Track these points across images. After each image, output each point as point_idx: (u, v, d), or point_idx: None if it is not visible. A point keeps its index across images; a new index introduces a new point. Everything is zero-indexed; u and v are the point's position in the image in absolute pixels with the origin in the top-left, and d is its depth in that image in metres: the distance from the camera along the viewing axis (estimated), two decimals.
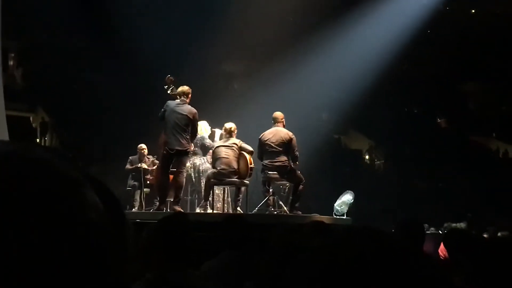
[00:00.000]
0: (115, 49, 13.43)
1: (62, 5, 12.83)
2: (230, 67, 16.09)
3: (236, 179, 8.33)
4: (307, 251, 0.71)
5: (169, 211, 7.84)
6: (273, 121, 8.61)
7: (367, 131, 17.71)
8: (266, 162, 8.41)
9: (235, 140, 8.45)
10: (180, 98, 7.98)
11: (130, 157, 10.72)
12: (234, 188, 8.71)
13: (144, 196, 10.22)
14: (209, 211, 8.45)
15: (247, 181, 8.51)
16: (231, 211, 8.62)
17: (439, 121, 17.92)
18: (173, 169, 8.03)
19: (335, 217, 9.70)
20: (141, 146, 10.64)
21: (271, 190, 8.59)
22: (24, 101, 14.47)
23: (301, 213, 8.43)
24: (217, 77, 15.27)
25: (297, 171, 8.53)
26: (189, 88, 8.08)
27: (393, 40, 14.19)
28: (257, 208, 8.66)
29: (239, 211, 8.40)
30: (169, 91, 8.33)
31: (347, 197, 10.20)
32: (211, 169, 8.57)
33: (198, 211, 8.58)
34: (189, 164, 8.83)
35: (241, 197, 8.59)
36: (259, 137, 8.52)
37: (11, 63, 14.70)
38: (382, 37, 14.19)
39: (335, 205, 10.21)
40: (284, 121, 8.61)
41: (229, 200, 9.00)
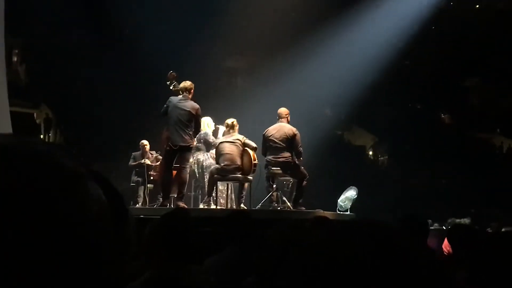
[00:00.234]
0: (118, 45, 13.44)
1: (65, 2, 12.84)
2: (233, 63, 16.07)
3: (239, 175, 8.33)
4: (307, 245, 0.71)
5: (172, 207, 7.85)
6: (277, 116, 8.62)
7: (370, 127, 17.69)
8: (269, 158, 8.41)
9: (238, 136, 8.45)
10: (182, 93, 7.98)
11: (133, 153, 10.75)
12: (237, 184, 8.72)
13: (147, 192, 10.24)
14: (213, 206, 8.46)
15: (250, 177, 8.51)
16: (234, 207, 8.62)
17: (442, 117, 17.89)
18: (176, 165, 8.03)
19: (339, 213, 9.70)
20: (143, 142, 10.66)
21: (274, 186, 8.59)
22: (28, 98, 14.48)
23: (304, 208, 8.43)
24: (220, 73, 15.26)
25: (301, 167, 8.53)
26: (191, 83, 8.06)
27: (396, 36, 14.16)
28: (260, 204, 8.67)
29: (243, 207, 8.40)
30: (171, 87, 8.34)
31: (351, 193, 10.20)
32: (214, 164, 8.57)
33: (201, 206, 8.59)
34: (192, 160, 8.84)
35: (244, 193, 8.59)
36: (263, 133, 8.52)
37: (15, 59, 14.71)
38: (385, 33, 14.15)
39: (338, 200, 10.21)
40: (288, 117, 8.61)
41: (233, 196, 9.00)
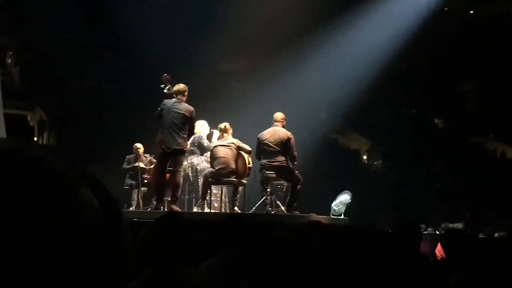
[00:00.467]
0: (113, 47, 13.42)
1: (60, 3, 12.82)
2: (228, 66, 16.07)
3: (234, 179, 8.33)
4: (302, 249, 0.71)
5: (166, 210, 7.84)
6: (273, 120, 8.62)
7: (365, 131, 17.71)
8: (264, 161, 8.41)
9: (233, 139, 8.45)
10: (176, 96, 7.97)
11: (127, 157, 10.74)
12: (232, 187, 8.71)
13: (141, 195, 10.22)
14: (207, 210, 8.46)
15: (245, 181, 8.51)
16: (228, 210, 8.62)
17: (436, 121, 17.93)
18: (170, 168, 8.02)
19: (333, 217, 9.71)
20: (137, 145, 10.65)
21: (268, 189, 8.59)
22: (21, 99, 14.43)
23: (298, 213, 8.43)
24: (215, 76, 15.26)
25: (295, 171, 8.54)
26: (185, 86, 8.05)
27: (392, 39, 14.19)
28: (254, 207, 8.66)
29: (237, 210, 8.40)
30: (165, 90, 8.32)
31: (345, 197, 10.21)
32: (208, 168, 8.57)
33: (195, 210, 8.58)
34: (186, 163, 8.83)
35: (238, 196, 8.59)
36: (258, 136, 8.52)
37: (8, 61, 14.66)
38: (380, 37, 14.19)
39: (332, 205, 10.22)
40: (284, 122, 8.61)
41: (227, 199, 9.00)
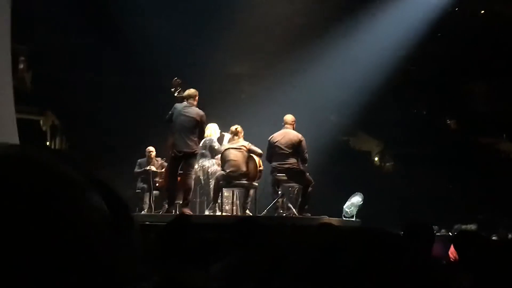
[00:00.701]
0: (125, 52, 13.48)
1: (71, 8, 12.90)
2: (238, 69, 16.09)
3: (245, 181, 8.33)
4: (314, 251, 0.71)
5: (178, 213, 7.86)
6: (283, 123, 8.62)
7: (376, 132, 17.65)
8: (275, 164, 8.41)
9: (244, 142, 8.45)
10: (187, 101, 8.00)
11: (138, 160, 10.78)
12: (243, 190, 8.71)
13: (153, 198, 10.24)
14: (218, 213, 8.46)
15: (256, 183, 8.51)
16: (239, 213, 8.62)
17: (448, 122, 17.83)
18: (182, 172, 8.05)
19: (344, 219, 9.68)
20: (149, 148, 10.70)
21: (280, 192, 8.59)
22: (34, 104, 14.54)
23: (310, 215, 8.42)
24: (225, 79, 15.28)
25: (306, 173, 8.53)
26: (195, 91, 8.11)
27: (401, 40, 14.14)
28: (266, 210, 8.66)
29: (248, 213, 8.40)
30: (176, 94, 8.36)
31: (356, 199, 10.17)
32: (220, 171, 8.58)
33: (207, 213, 8.59)
34: (198, 166, 8.85)
35: (250, 199, 8.59)
36: (268, 139, 8.52)
37: (21, 66, 14.77)
38: (390, 38, 14.14)
39: (344, 207, 10.19)
40: (294, 125, 8.61)
41: (238, 202, 9.00)
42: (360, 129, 17.88)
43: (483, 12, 15.80)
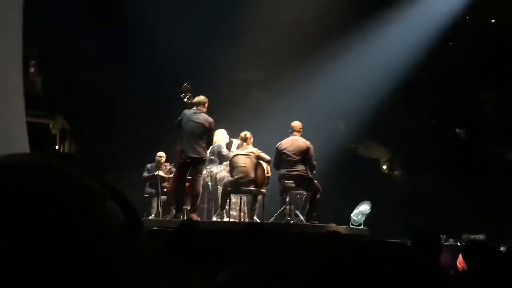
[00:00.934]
0: (134, 56, 13.55)
1: (81, 11, 12.99)
2: (247, 75, 16.12)
3: (253, 188, 8.33)
4: (321, 261, 0.72)
5: (185, 219, 7.87)
6: (291, 130, 8.62)
7: (384, 140, 17.61)
8: (283, 171, 8.40)
9: (252, 149, 8.46)
10: (197, 107, 8.03)
11: (147, 165, 10.81)
12: (250, 196, 8.71)
13: (161, 203, 10.26)
14: (226, 219, 8.46)
15: (264, 190, 8.51)
16: (247, 220, 8.62)
17: (458, 131, 17.76)
18: (190, 177, 8.06)
19: (352, 227, 9.65)
20: (160, 154, 10.72)
21: (288, 199, 8.58)
22: (43, 108, 14.62)
23: (317, 222, 8.40)
24: (234, 85, 15.31)
25: (314, 181, 8.52)
26: (205, 98, 8.15)
27: (411, 48, 14.12)
28: (273, 217, 8.65)
29: (256, 220, 8.40)
30: (185, 99, 8.38)
31: (364, 207, 10.15)
32: (228, 177, 8.58)
33: (214, 219, 8.59)
34: (206, 172, 8.86)
35: (257, 206, 8.59)
36: (276, 146, 8.52)
37: (31, 70, 14.87)
38: (399, 46, 14.13)
39: (352, 215, 10.17)
40: (301, 131, 8.61)
41: (246, 209, 9.00)
42: (368, 137, 17.84)
43: (493, 21, 15.75)
